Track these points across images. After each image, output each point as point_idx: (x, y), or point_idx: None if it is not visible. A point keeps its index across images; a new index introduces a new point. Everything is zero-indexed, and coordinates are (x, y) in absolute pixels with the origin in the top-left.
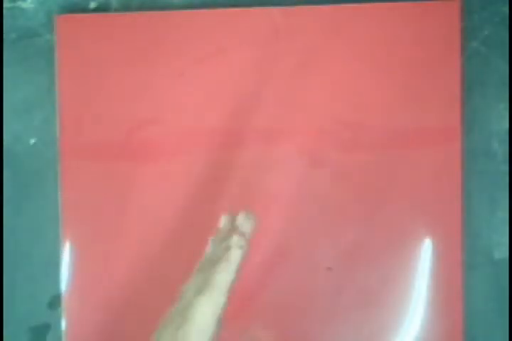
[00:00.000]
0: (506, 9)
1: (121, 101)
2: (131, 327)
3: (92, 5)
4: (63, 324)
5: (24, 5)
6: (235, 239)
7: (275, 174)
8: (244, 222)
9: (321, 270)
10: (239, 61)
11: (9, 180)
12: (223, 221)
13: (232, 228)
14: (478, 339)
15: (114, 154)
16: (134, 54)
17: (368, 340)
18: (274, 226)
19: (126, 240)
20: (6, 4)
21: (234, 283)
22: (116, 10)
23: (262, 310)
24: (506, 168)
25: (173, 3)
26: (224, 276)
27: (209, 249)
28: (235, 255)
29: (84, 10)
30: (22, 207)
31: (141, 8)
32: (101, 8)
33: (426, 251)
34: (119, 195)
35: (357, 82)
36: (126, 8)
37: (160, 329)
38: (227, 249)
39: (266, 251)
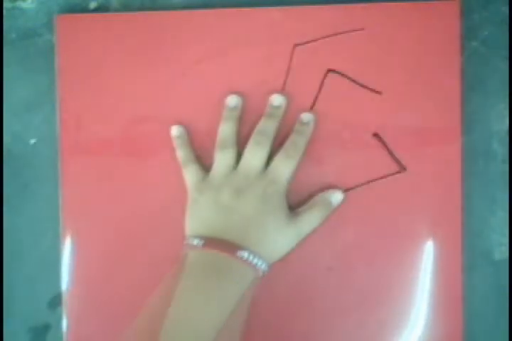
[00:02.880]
0: (506, 9)
1: (121, 101)
2: None
3: (92, 5)
4: (64, 324)
5: (24, 5)
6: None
7: None
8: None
9: (321, 270)
10: (238, 61)
11: (9, 180)
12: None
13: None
14: (478, 340)
15: (115, 154)
16: (134, 54)
17: (368, 340)
18: None
19: (127, 238)
20: (6, 4)
21: None
22: (116, 10)
23: (261, 310)
24: (506, 168)
25: (173, 3)
26: None
27: None
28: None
29: (84, 10)
30: (22, 206)
31: (141, 8)
32: (101, 8)
33: (425, 252)
34: (120, 195)
35: (356, 82)
36: (126, 8)
37: None
38: None
39: None
